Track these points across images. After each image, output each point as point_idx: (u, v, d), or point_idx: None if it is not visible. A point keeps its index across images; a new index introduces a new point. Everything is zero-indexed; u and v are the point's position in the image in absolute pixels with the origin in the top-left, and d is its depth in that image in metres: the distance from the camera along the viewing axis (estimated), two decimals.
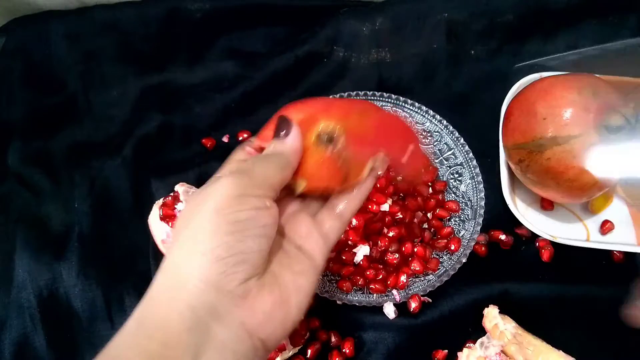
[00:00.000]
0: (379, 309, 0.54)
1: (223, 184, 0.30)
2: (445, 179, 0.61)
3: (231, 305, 0.28)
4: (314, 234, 0.36)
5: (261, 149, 0.36)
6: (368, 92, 0.63)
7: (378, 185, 0.58)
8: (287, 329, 0.31)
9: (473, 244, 0.55)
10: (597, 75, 0.54)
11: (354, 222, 0.54)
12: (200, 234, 0.29)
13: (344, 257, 0.55)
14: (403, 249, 0.55)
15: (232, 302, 0.28)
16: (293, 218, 0.37)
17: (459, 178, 0.60)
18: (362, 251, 0.55)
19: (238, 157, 0.37)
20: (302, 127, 0.35)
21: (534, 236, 0.57)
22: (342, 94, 0.63)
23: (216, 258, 0.28)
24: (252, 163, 0.33)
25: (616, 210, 0.60)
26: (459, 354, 0.50)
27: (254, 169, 0.32)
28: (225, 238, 0.28)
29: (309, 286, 0.33)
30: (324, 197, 0.39)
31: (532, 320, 0.52)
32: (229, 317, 0.28)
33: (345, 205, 0.38)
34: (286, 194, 0.37)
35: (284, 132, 0.34)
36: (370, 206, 0.57)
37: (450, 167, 0.61)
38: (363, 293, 0.55)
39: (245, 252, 0.29)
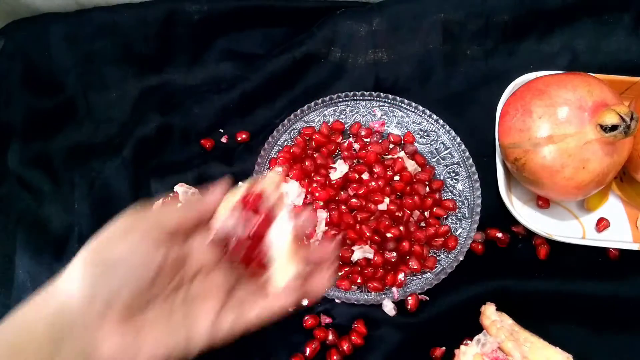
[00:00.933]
0: (377, 307, 0.55)
1: (119, 219, 0.32)
2: (442, 178, 0.62)
3: (83, 331, 0.30)
4: (205, 323, 0.34)
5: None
6: (365, 93, 0.64)
7: (374, 184, 0.58)
8: None
9: (470, 242, 0.56)
10: (592, 75, 0.54)
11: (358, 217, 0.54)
12: (79, 260, 0.31)
13: (340, 255, 0.55)
14: (401, 247, 0.55)
15: (85, 329, 0.30)
16: (206, 290, 0.35)
17: (456, 177, 0.61)
18: (361, 251, 0.55)
19: None
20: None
21: (531, 234, 0.58)
22: (340, 94, 0.63)
23: (80, 286, 0.30)
24: (164, 207, 0.35)
25: (612, 208, 0.61)
26: (457, 351, 0.50)
27: (154, 209, 0.34)
28: (92, 271, 0.30)
29: (164, 353, 0.32)
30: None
31: (528, 317, 0.52)
32: (80, 340, 0.30)
33: (249, 317, 0.35)
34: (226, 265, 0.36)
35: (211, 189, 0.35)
36: (368, 205, 0.57)
37: (447, 166, 0.62)
38: (361, 291, 0.56)
39: (105, 288, 0.30)
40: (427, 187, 0.60)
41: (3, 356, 0.28)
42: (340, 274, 0.55)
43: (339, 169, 0.60)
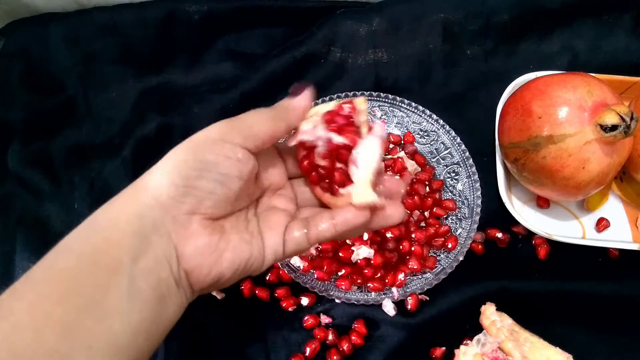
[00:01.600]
0: (377, 307, 0.55)
1: (210, 127, 0.32)
2: (442, 178, 0.62)
3: (171, 227, 0.30)
4: (277, 237, 0.35)
5: None
6: (365, 93, 0.64)
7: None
8: (212, 275, 0.31)
9: (470, 242, 0.56)
10: (592, 75, 0.54)
11: None
12: (171, 158, 0.31)
13: (341, 255, 0.55)
14: (401, 247, 0.55)
15: (173, 225, 0.30)
16: (276, 207, 0.36)
17: (456, 177, 0.61)
18: (361, 251, 0.55)
19: None
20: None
21: (531, 234, 0.58)
22: (340, 94, 0.63)
23: (172, 182, 0.30)
24: (248, 113, 0.34)
25: (612, 208, 0.61)
26: (457, 351, 0.50)
27: (244, 117, 0.33)
28: (187, 170, 0.30)
29: (248, 258, 0.33)
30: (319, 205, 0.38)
31: (528, 317, 0.52)
32: (167, 236, 0.30)
33: (320, 229, 0.35)
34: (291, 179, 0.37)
35: (297, 92, 0.35)
36: None
37: (447, 166, 0.62)
38: (361, 291, 0.56)
39: (197, 188, 0.31)
40: (427, 187, 0.60)
41: (94, 249, 0.28)
42: (340, 273, 0.56)
43: None
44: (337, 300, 0.55)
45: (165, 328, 0.30)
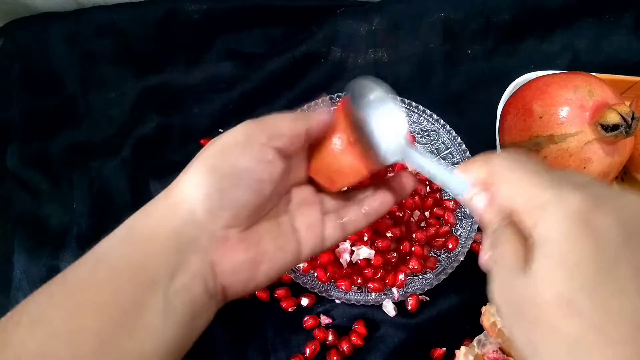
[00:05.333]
0: (377, 307, 0.55)
1: (235, 129, 0.32)
2: None
3: (208, 243, 0.30)
4: (316, 230, 0.35)
5: None
6: None
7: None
8: (248, 288, 0.32)
9: (470, 242, 0.56)
10: (593, 74, 0.54)
11: None
12: (202, 166, 0.30)
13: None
14: (401, 247, 0.55)
15: (210, 242, 0.30)
16: (306, 202, 0.36)
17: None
18: (361, 251, 0.55)
19: None
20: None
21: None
22: (340, 94, 0.63)
23: (206, 195, 0.30)
24: (272, 115, 0.33)
25: None
26: (457, 351, 0.50)
27: (268, 118, 0.33)
28: (220, 179, 0.30)
29: (283, 265, 0.33)
30: (341, 199, 0.38)
31: None
32: (204, 253, 0.29)
33: (352, 220, 0.36)
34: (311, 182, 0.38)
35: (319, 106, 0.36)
36: None
37: (447, 166, 0.62)
38: (362, 292, 0.55)
39: (234, 199, 0.30)
40: (428, 187, 0.60)
41: (133, 263, 0.28)
42: (339, 273, 0.55)
43: None
44: (337, 301, 0.54)
45: (194, 340, 0.30)
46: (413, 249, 0.56)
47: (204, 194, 0.29)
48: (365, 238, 0.55)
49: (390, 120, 0.34)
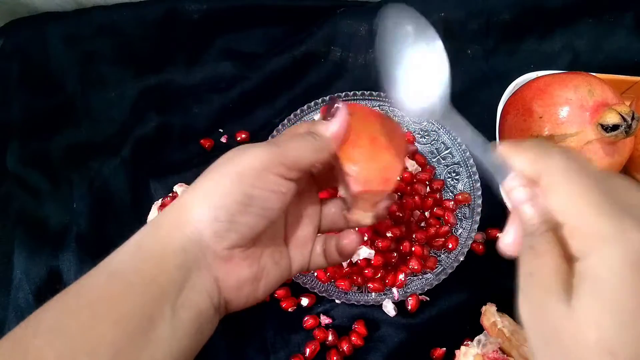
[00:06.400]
0: (377, 308, 0.55)
1: (255, 153, 0.31)
2: (442, 177, 0.61)
3: (213, 262, 0.30)
4: (306, 249, 0.37)
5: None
6: (365, 92, 0.63)
7: None
8: (248, 302, 0.33)
9: (470, 242, 0.56)
10: (593, 74, 0.54)
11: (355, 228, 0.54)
12: (215, 189, 0.31)
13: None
14: (401, 247, 0.55)
15: (214, 260, 0.30)
16: (303, 216, 0.37)
17: (456, 177, 0.61)
18: (361, 251, 0.55)
19: (297, 130, 0.35)
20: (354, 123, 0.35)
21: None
22: (340, 94, 0.63)
23: (215, 218, 0.30)
24: (289, 139, 0.33)
25: None
26: (457, 351, 0.50)
27: (288, 146, 0.32)
28: (231, 204, 0.30)
29: (278, 280, 0.35)
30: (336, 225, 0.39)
31: None
32: (209, 270, 0.30)
33: (341, 245, 0.37)
34: (312, 189, 0.38)
35: (332, 114, 0.34)
36: None
37: (447, 166, 0.62)
38: (362, 292, 0.55)
39: (241, 224, 0.30)
40: (428, 187, 0.60)
41: (145, 278, 0.28)
42: (339, 273, 0.55)
43: None
44: (337, 301, 0.54)
45: (200, 348, 0.31)
46: (413, 249, 0.56)
47: (213, 217, 0.30)
48: (366, 238, 0.55)
49: (430, 65, 0.30)
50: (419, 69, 0.30)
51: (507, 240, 0.28)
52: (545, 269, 0.24)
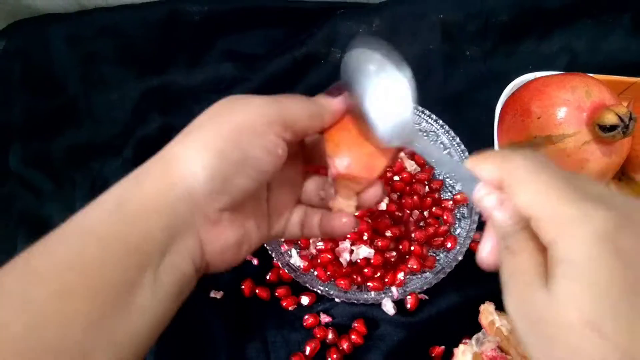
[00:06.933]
0: (377, 306, 0.55)
1: (255, 106, 0.30)
2: (441, 177, 0.62)
3: (201, 224, 0.29)
4: (282, 217, 0.36)
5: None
6: None
7: None
8: (229, 266, 0.32)
9: (469, 241, 0.56)
10: (591, 75, 0.54)
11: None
12: (211, 143, 0.29)
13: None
14: (400, 247, 0.56)
15: (203, 222, 0.29)
16: (287, 183, 0.36)
17: (455, 177, 0.61)
18: (361, 251, 0.55)
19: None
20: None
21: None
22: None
23: (210, 177, 0.28)
24: (289, 99, 0.32)
25: None
26: (456, 350, 0.51)
27: (288, 104, 0.31)
28: (227, 163, 0.28)
29: (258, 243, 0.34)
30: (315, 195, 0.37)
31: None
32: (196, 233, 0.29)
33: (331, 225, 0.35)
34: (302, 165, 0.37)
35: (333, 93, 0.34)
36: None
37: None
38: (361, 291, 0.56)
39: (235, 185, 0.29)
40: (427, 187, 0.61)
41: (125, 241, 0.26)
42: (339, 272, 0.56)
43: None
44: (337, 300, 0.55)
45: (177, 310, 0.30)
46: (412, 248, 0.56)
47: (207, 176, 0.28)
48: (365, 237, 0.55)
49: (393, 96, 0.31)
50: (383, 90, 0.32)
51: (485, 250, 0.29)
52: (523, 265, 0.25)
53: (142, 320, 0.26)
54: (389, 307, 0.54)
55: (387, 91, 0.32)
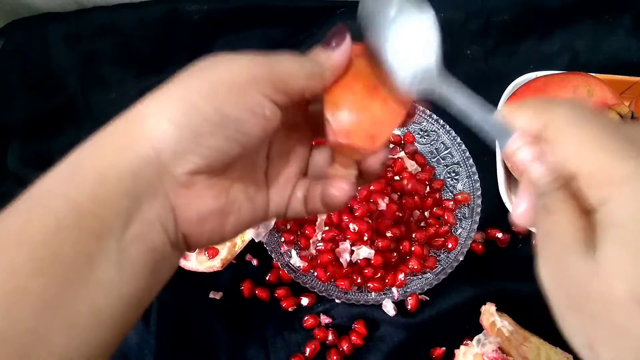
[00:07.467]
0: (377, 307, 0.55)
1: (237, 63, 0.26)
2: (442, 177, 0.62)
3: (169, 187, 0.25)
4: (285, 192, 0.31)
5: None
6: None
7: (372, 188, 0.58)
8: (213, 240, 0.28)
9: (470, 242, 0.56)
10: (592, 75, 0.54)
11: (355, 228, 0.54)
12: (180, 100, 0.25)
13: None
14: (401, 247, 0.55)
15: (172, 186, 0.25)
16: (288, 153, 0.32)
17: (456, 177, 0.61)
18: (361, 251, 0.55)
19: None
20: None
21: (531, 234, 0.58)
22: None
23: (179, 136, 0.25)
24: (282, 57, 0.28)
25: None
26: (457, 351, 0.50)
27: (278, 62, 0.27)
28: (199, 121, 0.25)
29: (252, 218, 0.30)
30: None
31: (529, 317, 0.52)
32: (163, 197, 0.25)
33: (326, 194, 0.31)
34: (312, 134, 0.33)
35: (334, 43, 0.29)
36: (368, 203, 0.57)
37: (447, 166, 0.62)
38: (361, 291, 0.56)
39: (209, 147, 0.25)
40: (428, 187, 0.60)
41: (77, 209, 0.23)
42: (339, 273, 0.55)
43: None
44: (337, 300, 0.55)
45: (157, 292, 0.27)
46: (413, 248, 0.56)
47: (176, 134, 0.24)
48: (365, 238, 0.55)
49: (415, 39, 0.28)
50: (405, 33, 0.28)
51: (520, 209, 0.25)
52: (562, 225, 0.21)
53: (106, 297, 0.23)
54: (389, 308, 0.54)
55: (409, 35, 0.28)
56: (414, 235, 0.57)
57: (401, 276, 0.54)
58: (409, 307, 0.54)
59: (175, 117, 0.25)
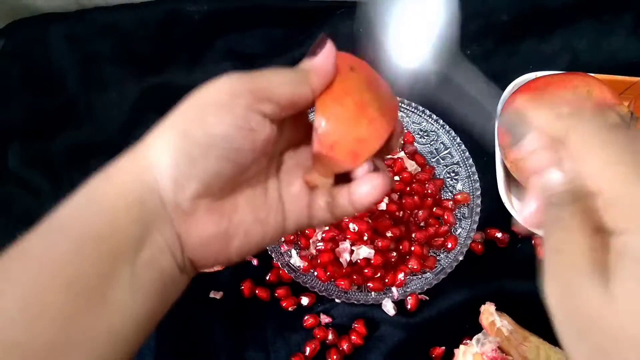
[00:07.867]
0: (377, 307, 0.55)
1: (221, 82, 0.27)
2: (442, 177, 0.62)
3: (173, 214, 0.26)
4: (302, 201, 0.31)
5: None
6: None
7: None
8: (218, 262, 0.29)
9: (470, 242, 0.56)
10: (592, 75, 0.54)
11: (355, 228, 0.55)
12: (175, 128, 0.27)
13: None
14: (401, 247, 0.56)
15: (175, 213, 0.26)
16: (299, 166, 0.32)
17: (456, 177, 0.61)
18: (361, 251, 0.55)
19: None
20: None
21: (530, 234, 0.58)
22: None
23: (175, 162, 0.26)
24: (266, 70, 0.28)
25: None
26: (456, 350, 0.50)
27: (261, 75, 0.28)
28: (190, 147, 0.26)
29: (260, 240, 0.30)
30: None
31: (528, 316, 0.52)
32: (169, 224, 0.26)
33: (357, 195, 0.30)
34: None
35: (317, 49, 0.29)
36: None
37: (446, 166, 0.62)
38: (361, 291, 0.56)
39: (203, 169, 0.26)
40: (427, 187, 0.60)
41: (96, 234, 0.24)
42: (339, 273, 0.56)
43: None
44: (337, 300, 0.55)
45: (165, 312, 0.28)
46: (412, 248, 0.56)
47: (171, 161, 0.26)
48: (365, 237, 0.55)
49: (437, 11, 0.27)
50: (416, 6, 0.27)
51: (528, 211, 0.24)
52: (576, 246, 0.20)
53: (120, 316, 0.24)
54: (389, 308, 0.54)
55: (430, 7, 0.27)
56: (413, 235, 0.57)
57: (401, 276, 0.54)
58: (409, 306, 0.54)
59: (171, 145, 0.26)
